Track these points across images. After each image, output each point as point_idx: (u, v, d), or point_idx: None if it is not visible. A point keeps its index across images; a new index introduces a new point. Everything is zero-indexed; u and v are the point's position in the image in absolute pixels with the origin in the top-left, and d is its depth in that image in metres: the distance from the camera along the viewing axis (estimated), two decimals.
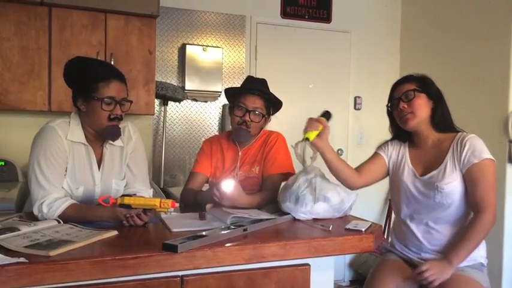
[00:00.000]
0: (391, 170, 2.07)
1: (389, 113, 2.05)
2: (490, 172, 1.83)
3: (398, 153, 2.05)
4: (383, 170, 2.08)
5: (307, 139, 1.79)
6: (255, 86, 2.16)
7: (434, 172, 1.90)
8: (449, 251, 1.81)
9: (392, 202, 2.14)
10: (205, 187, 2.18)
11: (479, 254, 1.91)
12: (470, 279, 1.81)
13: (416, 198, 1.95)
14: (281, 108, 2.25)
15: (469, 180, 1.84)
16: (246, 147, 2.19)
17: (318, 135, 1.81)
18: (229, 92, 2.24)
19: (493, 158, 1.85)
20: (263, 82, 2.21)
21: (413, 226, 1.95)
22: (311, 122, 1.82)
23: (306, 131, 1.81)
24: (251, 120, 2.09)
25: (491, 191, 1.82)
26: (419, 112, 1.91)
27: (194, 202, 2.03)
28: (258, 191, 2.12)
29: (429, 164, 1.95)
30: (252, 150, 2.19)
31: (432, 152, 1.96)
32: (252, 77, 2.36)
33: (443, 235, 1.89)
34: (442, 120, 1.95)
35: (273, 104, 2.20)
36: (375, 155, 2.11)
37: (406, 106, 1.92)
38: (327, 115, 1.89)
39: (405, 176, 1.99)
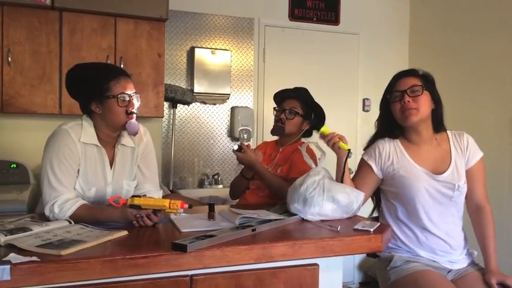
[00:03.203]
0: (388, 179, 1.94)
1: (385, 105, 1.98)
2: (484, 167, 1.94)
3: (392, 158, 1.93)
4: (377, 181, 1.98)
5: (349, 150, 1.87)
6: (290, 91, 2.45)
7: (448, 171, 1.88)
8: (485, 261, 1.85)
9: (395, 210, 1.94)
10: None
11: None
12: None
13: (435, 198, 1.86)
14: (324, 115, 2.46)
15: (472, 177, 1.89)
16: (285, 147, 2.42)
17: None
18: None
19: None
20: (302, 89, 2.46)
21: (435, 230, 1.87)
22: (343, 137, 1.90)
23: (342, 142, 1.87)
24: (286, 118, 2.37)
25: (485, 185, 1.93)
26: (423, 109, 1.87)
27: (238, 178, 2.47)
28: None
29: (436, 163, 1.91)
30: (287, 151, 2.39)
31: (435, 151, 1.93)
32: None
33: (456, 231, 1.92)
34: (440, 121, 1.95)
35: (312, 109, 2.41)
36: (365, 166, 1.98)
37: (410, 101, 1.86)
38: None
39: (417, 178, 1.86)
